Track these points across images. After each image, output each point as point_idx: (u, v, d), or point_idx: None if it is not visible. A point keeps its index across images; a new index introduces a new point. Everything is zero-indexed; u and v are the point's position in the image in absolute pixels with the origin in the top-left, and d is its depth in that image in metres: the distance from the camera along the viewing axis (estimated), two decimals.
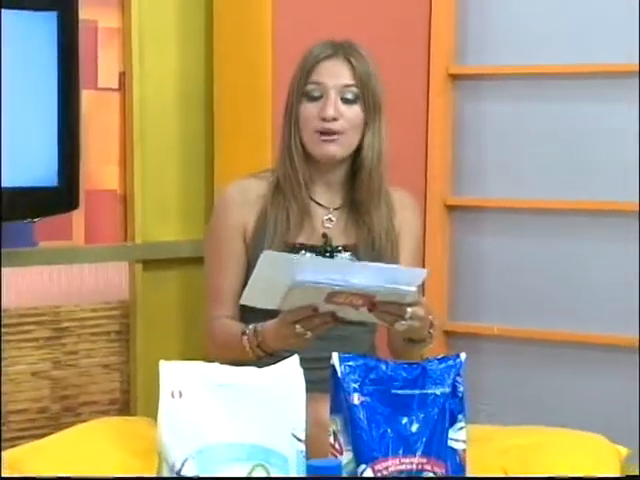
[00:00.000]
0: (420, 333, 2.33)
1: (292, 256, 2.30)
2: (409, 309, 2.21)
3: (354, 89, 2.47)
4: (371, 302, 2.18)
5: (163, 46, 3.26)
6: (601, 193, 3.36)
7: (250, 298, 2.25)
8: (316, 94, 2.47)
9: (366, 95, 2.47)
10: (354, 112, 2.47)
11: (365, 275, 2.15)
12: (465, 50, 3.53)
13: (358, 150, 2.50)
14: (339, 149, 2.48)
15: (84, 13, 2.95)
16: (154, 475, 1.62)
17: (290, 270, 2.11)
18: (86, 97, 3.07)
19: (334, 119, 2.45)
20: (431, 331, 2.36)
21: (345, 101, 2.47)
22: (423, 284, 3.29)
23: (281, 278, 2.12)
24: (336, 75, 2.47)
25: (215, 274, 2.55)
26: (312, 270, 2.12)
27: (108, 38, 3.20)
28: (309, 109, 2.47)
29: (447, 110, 3.53)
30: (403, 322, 2.22)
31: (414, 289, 2.18)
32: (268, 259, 2.16)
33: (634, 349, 3.31)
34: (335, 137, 2.46)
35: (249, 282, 2.21)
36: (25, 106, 2.81)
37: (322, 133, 2.46)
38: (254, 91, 3.11)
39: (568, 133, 3.41)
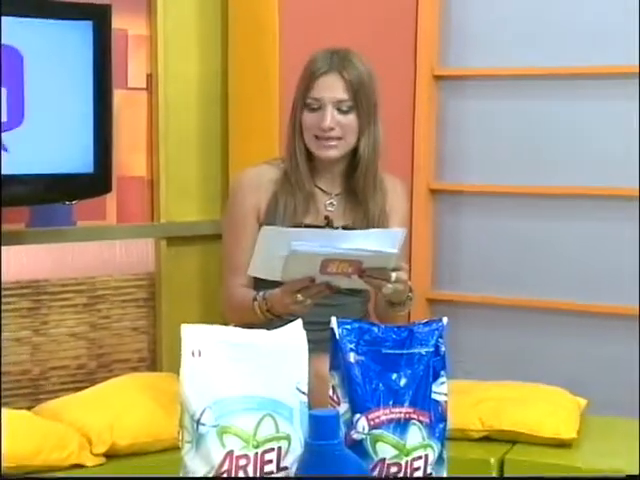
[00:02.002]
0: (401, 296, 2.33)
1: (287, 229, 2.30)
2: (393, 273, 2.22)
3: (348, 102, 2.46)
4: (360, 269, 2.17)
5: (185, 51, 3.26)
6: (567, 180, 3.37)
7: (255, 270, 2.25)
8: (315, 106, 2.46)
9: (359, 104, 2.46)
10: (349, 120, 2.46)
11: (352, 240, 2.15)
12: (448, 54, 3.52)
13: (356, 147, 2.50)
14: (337, 152, 2.48)
15: (116, 22, 2.94)
16: (176, 425, 1.62)
17: (286, 241, 2.11)
18: (117, 96, 3.07)
19: (331, 129, 2.45)
20: (410, 295, 2.36)
21: (340, 111, 2.46)
22: (410, 257, 3.31)
23: (279, 249, 2.12)
24: (331, 89, 2.45)
25: (232, 248, 2.55)
26: (305, 239, 2.12)
27: (137, 44, 3.20)
28: (310, 118, 2.47)
29: (431, 107, 3.53)
30: (389, 285, 2.22)
31: (395, 251, 2.17)
32: (267, 233, 2.16)
33: (594, 314, 3.33)
34: (334, 143, 2.46)
35: (252, 256, 2.21)
36: (65, 104, 2.81)
37: (323, 139, 2.46)
38: (263, 90, 3.11)
39: (538, 128, 3.42)
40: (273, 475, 1.59)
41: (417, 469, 1.65)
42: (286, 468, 1.60)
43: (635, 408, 3.25)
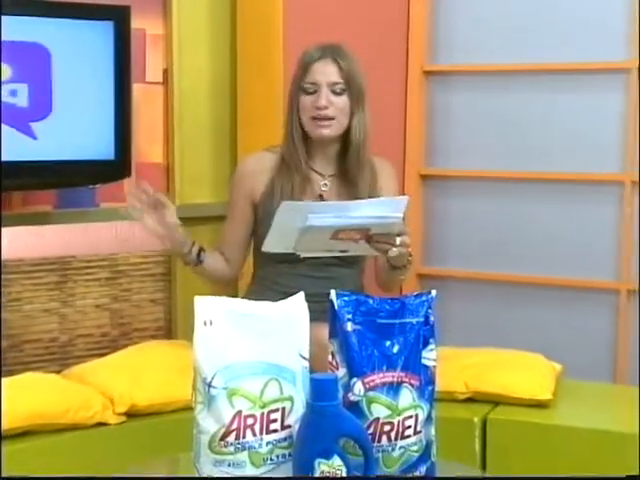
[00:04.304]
0: (403, 259, 2.33)
1: (304, 202, 2.30)
2: (398, 238, 2.21)
3: (341, 85, 2.46)
4: (367, 235, 2.17)
5: (197, 48, 3.24)
6: (544, 165, 3.37)
7: (269, 245, 2.23)
8: (311, 90, 2.47)
9: (351, 88, 2.47)
10: (342, 101, 2.47)
11: (361, 210, 2.14)
12: (437, 52, 3.51)
13: (347, 130, 2.50)
14: (331, 130, 2.48)
15: (135, 23, 2.93)
16: (190, 391, 1.62)
17: (303, 214, 2.09)
18: (136, 89, 3.06)
19: (326, 107, 2.45)
20: (409, 258, 2.35)
21: (334, 93, 2.46)
22: None
23: (296, 222, 2.10)
24: (326, 74, 2.46)
25: (226, 226, 2.61)
26: (320, 212, 2.11)
27: (154, 42, 3.18)
28: (307, 101, 2.47)
29: (422, 100, 3.52)
30: (394, 249, 2.22)
31: (401, 215, 2.16)
32: (285, 208, 2.14)
33: (569, 288, 3.34)
34: (327, 122, 2.46)
35: (269, 231, 2.20)
36: (89, 96, 2.80)
37: (318, 119, 2.46)
38: (269, 83, 3.09)
39: (518, 118, 3.41)
40: (277, 433, 1.59)
41: (408, 427, 1.65)
42: (289, 426, 1.60)
43: (607, 373, 3.27)
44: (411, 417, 1.66)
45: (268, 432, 1.58)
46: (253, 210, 2.55)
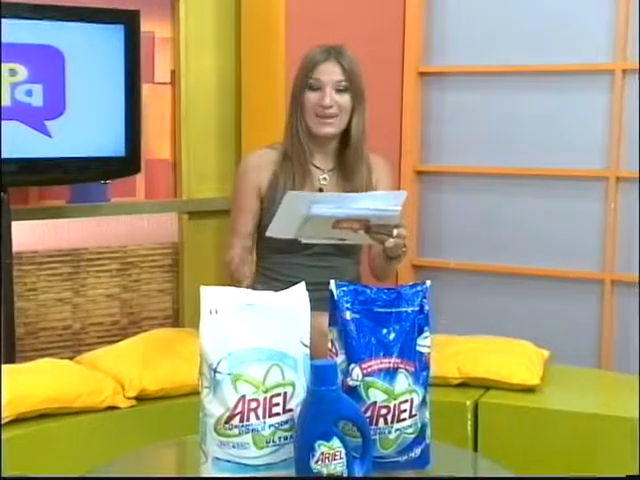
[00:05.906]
0: (399, 250, 2.32)
1: (308, 193, 2.29)
2: (395, 230, 2.21)
3: (344, 83, 2.45)
4: (367, 226, 2.16)
5: (203, 51, 3.24)
6: (532, 162, 3.37)
7: (273, 231, 2.22)
8: (316, 86, 2.45)
9: (353, 87, 2.46)
10: (345, 99, 2.46)
11: (361, 202, 2.14)
12: (431, 54, 3.51)
13: (347, 128, 2.49)
14: (334, 128, 2.47)
15: (144, 26, 2.92)
16: (196, 375, 1.61)
17: (307, 204, 2.09)
18: (145, 89, 3.05)
19: (330, 106, 2.44)
20: (404, 249, 2.35)
21: (337, 91, 2.45)
22: None
23: (299, 211, 2.10)
24: (330, 73, 2.45)
25: (236, 217, 2.55)
26: (323, 202, 2.11)
27: (162, 44, 3.18)
28: (311, 97, 2.45)
29: (417, 100, 3.52)
30: (392, 240, 2.21)
31: (399, 208, 2.16)
32: (290, 198, 2.13)
33: (557, 278, 3.34)
34: (331, 120, 2.45)
35: (274, 217, 2.19)
36: (100, 96, 2.79)
37: (322, 117, 2.45)
38: (271, 83, 3.09)
39: (508, 117, 3.41)
40: (279, 416, 1.58)
41: (404, 411, 1.65)
42: (291, 410, 1.59)
43: (592, 359, 3.27)
44: (407, 401, 1.65)
45: (271, 415, 1.58)
46: (259, 202, 2.53)
